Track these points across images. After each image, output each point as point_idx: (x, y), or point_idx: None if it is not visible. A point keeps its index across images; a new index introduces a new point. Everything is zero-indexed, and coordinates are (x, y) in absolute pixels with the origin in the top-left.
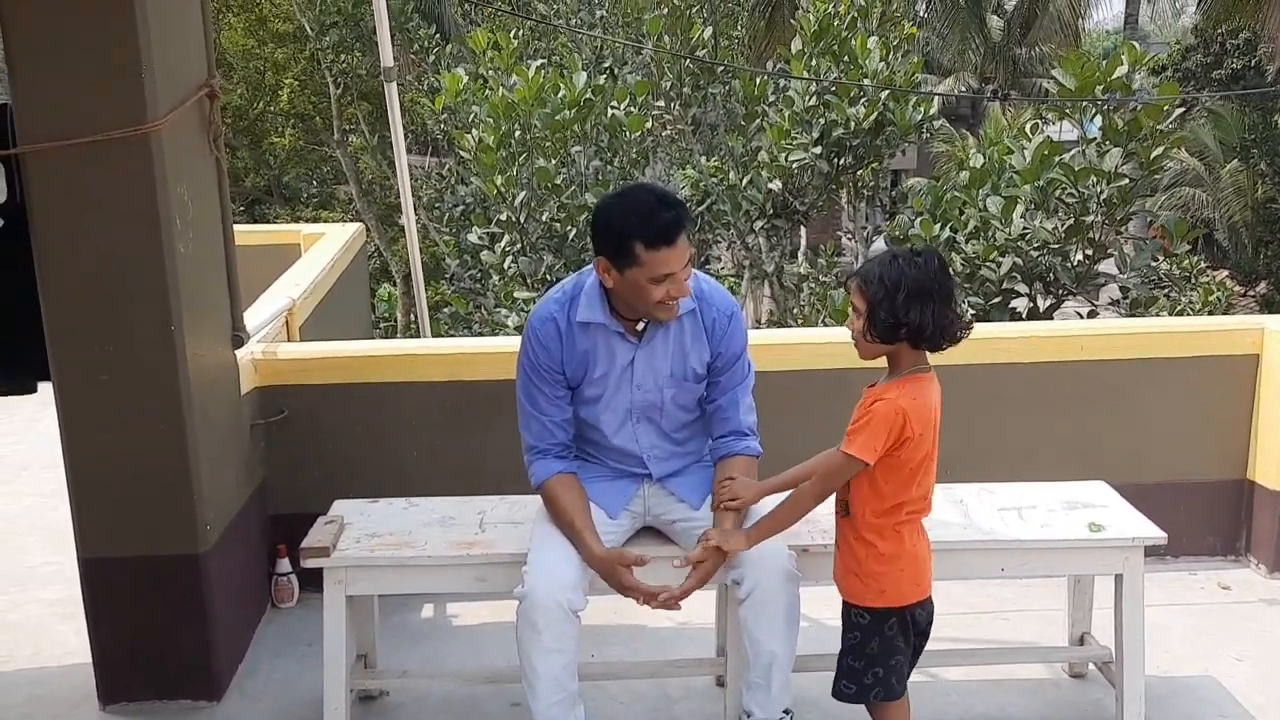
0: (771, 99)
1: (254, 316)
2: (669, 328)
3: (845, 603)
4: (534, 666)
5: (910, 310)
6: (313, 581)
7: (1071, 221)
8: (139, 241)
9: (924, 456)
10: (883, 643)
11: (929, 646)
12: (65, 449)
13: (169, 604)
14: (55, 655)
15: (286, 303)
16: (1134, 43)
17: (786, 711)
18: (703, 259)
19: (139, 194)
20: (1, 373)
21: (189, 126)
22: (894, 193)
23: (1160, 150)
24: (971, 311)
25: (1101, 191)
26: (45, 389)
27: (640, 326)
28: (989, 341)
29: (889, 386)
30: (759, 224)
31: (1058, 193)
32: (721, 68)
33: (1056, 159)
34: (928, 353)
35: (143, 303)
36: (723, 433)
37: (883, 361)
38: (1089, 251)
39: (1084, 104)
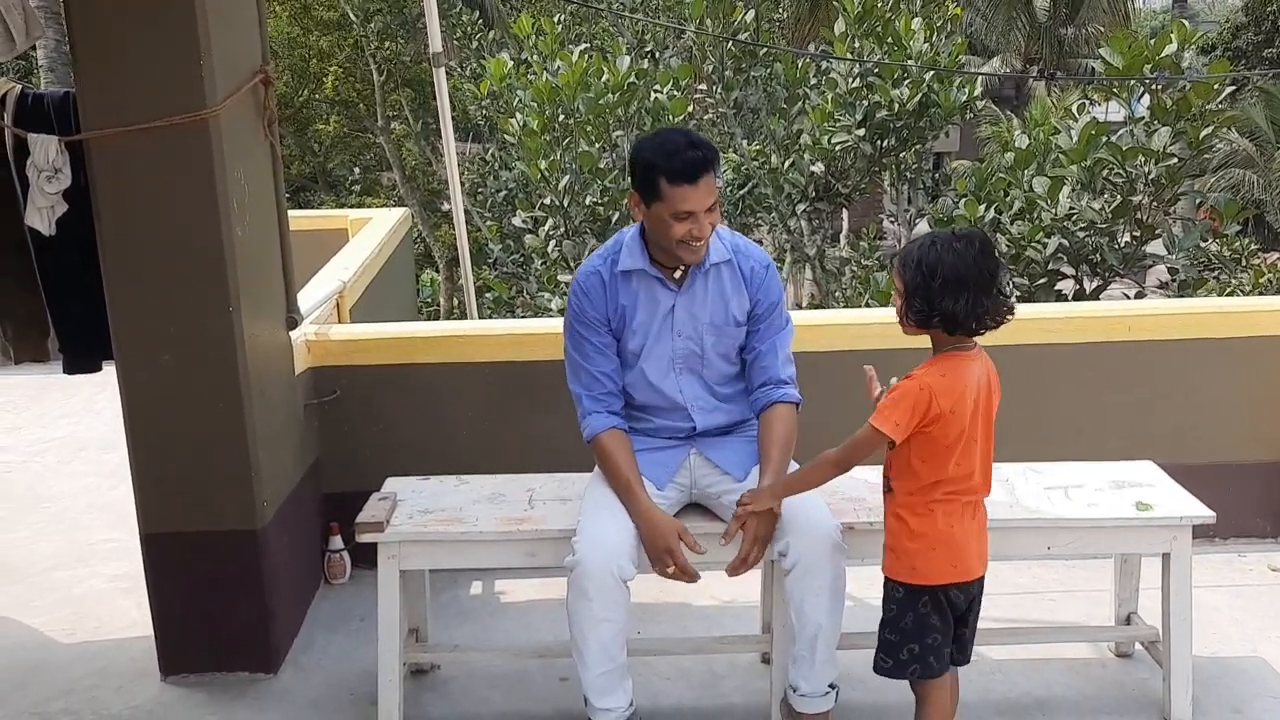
0: (813, 81)
1: (306, 299)
2: (708, 276)
3: (885, 577)
4: (584, 635)
5: (944, 298)
6: (364, 558)
7: (1119, 202)
8: (198, 224)
9: (959, 434)
10: (917, 619)
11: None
12: (127, 427)
13: (227, 578)
14: (118, 628)
15: (337, 285)
16: (1183, 21)
17: (831, 686)
18: None
19: (198, 178)
20: (71, 353)
21: (245, 112)
22: (937, 175)
23: (1209, 130)
24: (1016, 293)
25: (1149, 171)
26: (101, 371)
27: (678, 274)
28: (1035, 322)
29: (925, 365)
30: (801, 207)
31: (1105, 173)
32: (764, 50)
33: (1104, 139)
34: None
35: (202, 284)
36: (762, 381)
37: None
38: (1136, 232)
39: (1131, 83)
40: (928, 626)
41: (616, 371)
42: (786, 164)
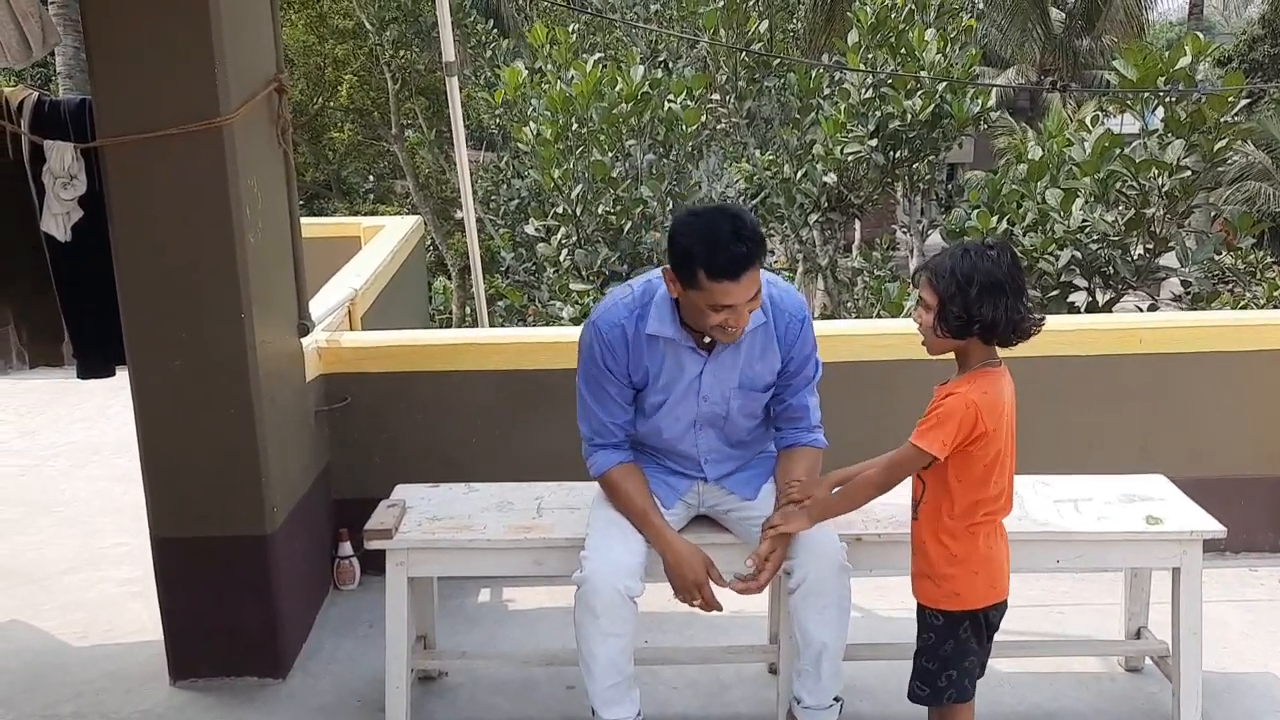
0: (827, 92)
1: (318, 306)
2: (741, 342)
3: (919, 605)
4: (591, 650)
5: (983, 305)
6: (373, 565)
7: (1132, 214)
8: (211, 231)
9: (997, 453)
10: (957, 645)
11: None
12: (139, 432)
13: (237, 583)
14: (128, 632)
15: (349, 293)
16: (1198, 33)
17: (836, 699)
18: None
19: (212, 185)
20: (85, 357)
21: (259, 120)
22: (949, 186)
23: (1223, 142)
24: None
25: (1163, 184)
26: (115, 376)
27: (708, 340)
28: (1046, 334)
29: (960, 381)
30: (813, 217)
31: (1118, 185)
32: (778, 61)
33: (1117, 151)
34: (997, 347)
35: (215, 291)
36: (791, 425)
37: (949, 356)
38: (1149, 245)
39: (1146, 95)
40: (967, 651)
41: (628, 422)
42: (799, 174)
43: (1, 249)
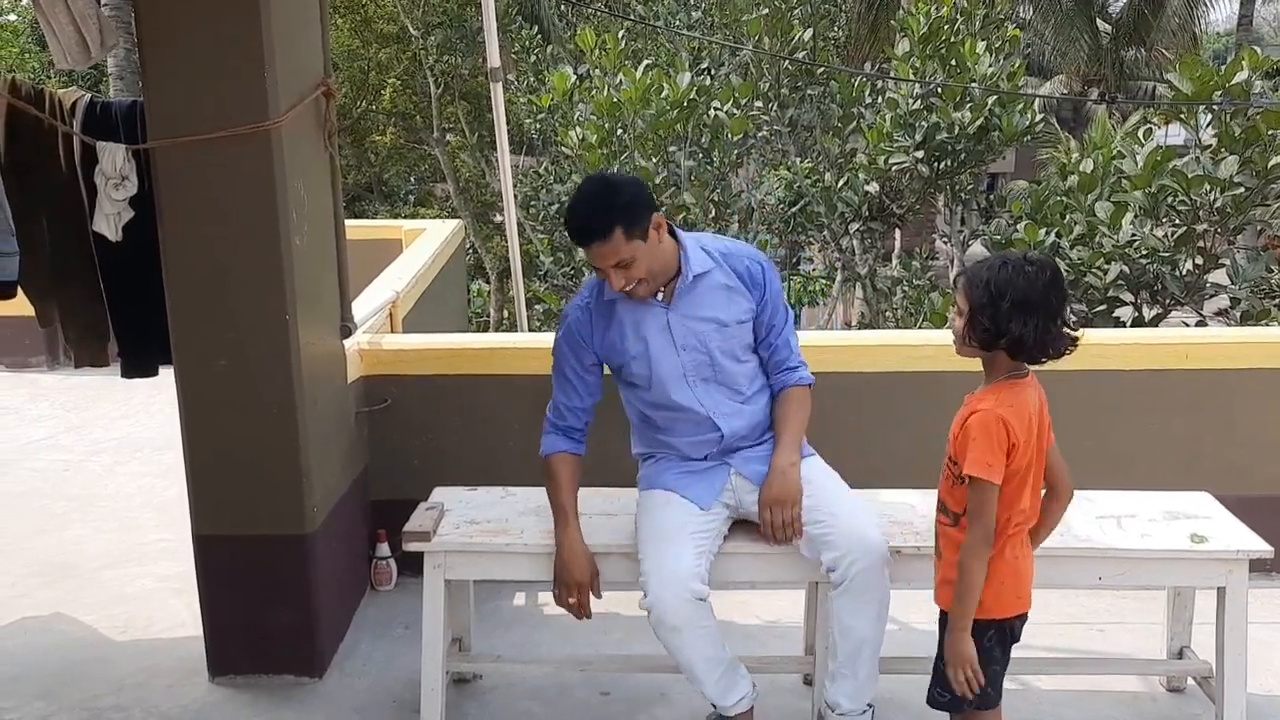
0: (869, 101)
1: (360, 308)
2: (694, 287)
3: (942, 611)
4: (687, 659)
5: (1012, 320)
6: (410, 566)
7: (1182, 230)
8: (258, 233)
9: (1027, 465)
10: (980, 652)
11: (1023, 655)
12: (184, 430)
13: (276, 582)
14: (168, 627)
15: (391, 295)
16: (1255, 48)
17: (869, 706)
18: (794, 260)
19: (259, 188)
20: (129, 356)
21: (306, 124)
22: (991, 196)
23: (1278, 159)
24: (1075, 319)
25: (1215, 200)
26: (158, 376)
27: (660, 296)
28: (1092, 348)
29: (984, 395)
30: (854, 226)
31: (1169, 200)
32: (821, 70)
33: (1170, 165)
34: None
35: (260, 292)
36: (777, 371)
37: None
38: (1199, 261)
39: (1199, 109)
40: (991, 658)
41: (585, 409)
42: (840, 183)
43: (54, 249)
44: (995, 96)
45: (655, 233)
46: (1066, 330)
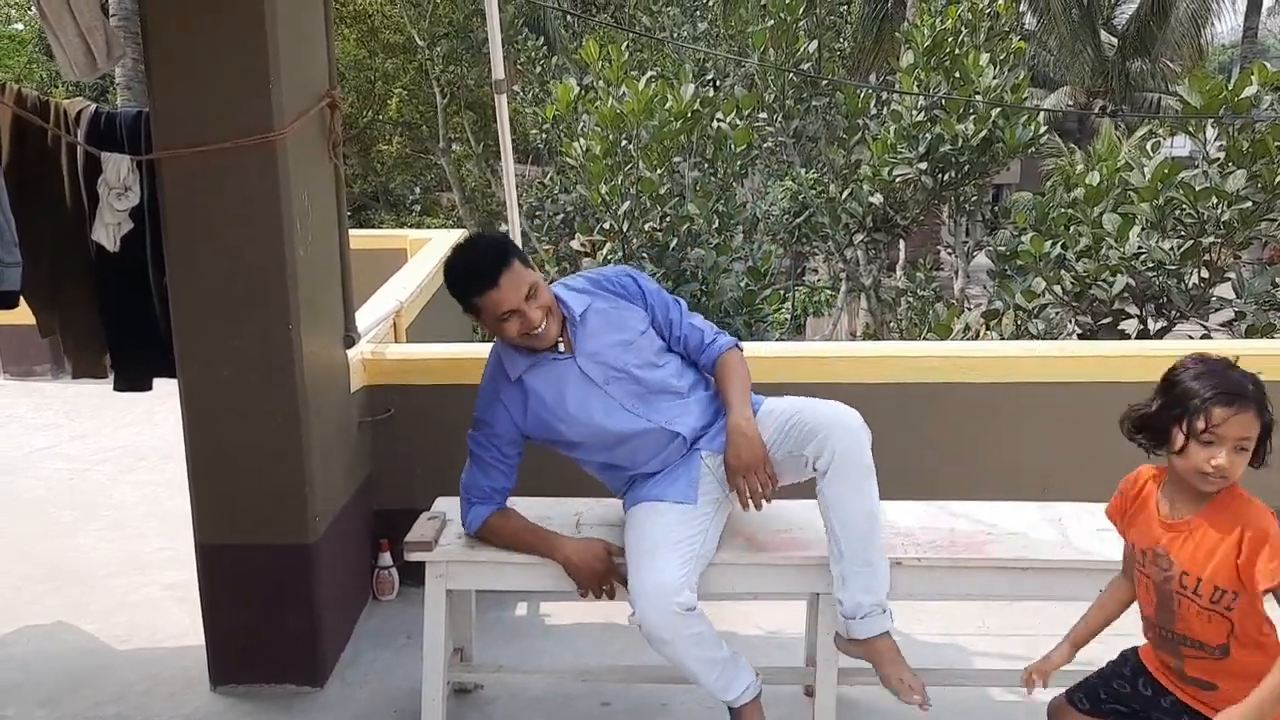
0: (874, 112)
1: (364, 318)
2: (585, 323)
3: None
4: (683, 665)
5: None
6: (412, 576)
7: (1189, 244)
8: (263, 244)
9: None
10: None
11: (1018, 667)
12: (187, 439)
13: (278, 592)
14: (171, 636)
15: (395, 305)
16: (1264, 62)
17: (887, 608)
18: (799, 270)
19: (264, 198)
20: (122, 368)
21: (311, 135)
22: (995, 207)
23: None
24: (1078, 331)
25: (1222, 213)
26: (159, 384)
27: (560, 346)
28: (1097, 359)
29: (1255, 500)
30: (858, 237)
31: (1176, 213)
32: (825, 81)
33: (1176, 177)
34: None
35: (264, 302)
36: (699, 350)
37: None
38: (1205, 274)
39: (1206, 122)
40: None
41: (508, 487)
42: (844, 194)
43: (55, 259)
44: (999, 109)
45: None
46: None
